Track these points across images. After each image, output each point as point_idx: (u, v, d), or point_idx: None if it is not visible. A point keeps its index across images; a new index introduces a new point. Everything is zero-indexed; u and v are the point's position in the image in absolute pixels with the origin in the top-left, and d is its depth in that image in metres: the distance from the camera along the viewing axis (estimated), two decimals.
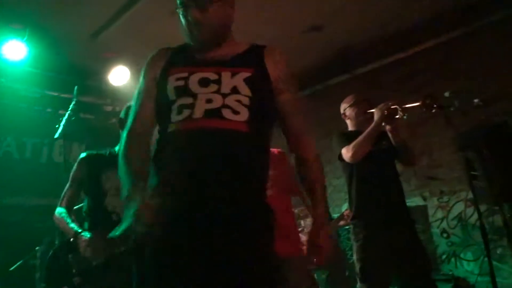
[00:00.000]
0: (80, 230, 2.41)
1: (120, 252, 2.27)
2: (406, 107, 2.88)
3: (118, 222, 2.34)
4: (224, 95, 1.52)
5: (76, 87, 3.87)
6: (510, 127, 3.20)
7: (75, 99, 3.82)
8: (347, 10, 4.72)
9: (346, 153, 2.93)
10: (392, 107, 2.92)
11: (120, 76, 5.15)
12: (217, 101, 1.51)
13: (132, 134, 1.62)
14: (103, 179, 2.56)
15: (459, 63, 5.06)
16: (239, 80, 1.56)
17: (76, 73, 5.29)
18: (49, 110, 5.28)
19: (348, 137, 3.02)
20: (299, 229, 3.64)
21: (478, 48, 4.91)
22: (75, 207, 2.68)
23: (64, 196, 2.62)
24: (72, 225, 2.45)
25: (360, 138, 2.89)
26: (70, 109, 3.75)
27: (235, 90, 1.54)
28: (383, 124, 2.96)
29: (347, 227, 5.18)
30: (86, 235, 2.36)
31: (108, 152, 2.75)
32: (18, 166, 5.17)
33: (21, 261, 4.14)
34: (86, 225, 2.57)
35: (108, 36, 4.83)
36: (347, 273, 4.66)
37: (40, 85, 5.15)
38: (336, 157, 3.12)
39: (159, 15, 4.54)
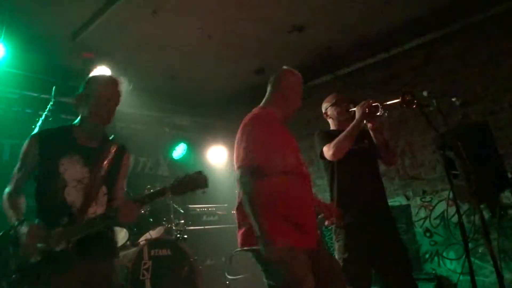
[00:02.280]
0: (22, 219, 2.10)
1: (60, 251, 2.05)
2: (387, 104, 2.88)
3: (76, 216, 2.14)
4: None
5: (54, 88, 3.79)
6: (490, 127, 3.21)
7: (53, 100, 3.74)
8: (329, 11, 4.72)
9: (328, 151, 2.92)
10: (373, 104, 2.92)
11: None
12: None
13: None
14: (62, 165, 2.22)
15: (441, 64, 5.10)
16: None
17: (56, 73, 5.20)
18: (28, 111, 5.16)
19: (329, 136, 3.02)
20: None
21: (460, 49, 4.96)
22: None
23: (12, 179, 2.30)
24: (15, 212, 2.14)
25: (341, 136, 2.88)
26: (47, 109, 3.68)
27: None
28: (364, 122, 2.96)
29: (330, 227, 5.20)
30: (27, 225, 2.05)
31: (63, 129, 2.41)
32: None
33: None
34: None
35: (88, 36, 4.75)
36: None
37: (19, 85, 5.02)
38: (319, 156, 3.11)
39: (140, 15, 4.49)
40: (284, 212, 2.29)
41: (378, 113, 2.90)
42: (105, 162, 2.34)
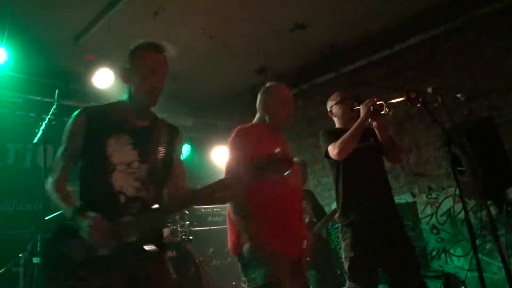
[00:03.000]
0: (78, 209, 1.86)
1: (131, 242, 1.86)
2: (392, 102, 2.85)
3: (127, 205, 1.91)
4: None
5: (57, 91, 3.79)
6: (495, 122, 3.19)
7: (56, 103, 3.74)
8: (331, 9, 4.70)
9: (333, 150, 2.90)
10: (377, 103, 2.90)
11: (104, 79, 5.07)
12: None
13: None
14: (109, 146, 1.97)
15: (445, 59, 5.07)
16: None
17: (59, 76, 5.21)
18: (32, 114, 5.18)
19: (334, 135, 2.99)
20: None
21: (464, 43, 4.92)
22: None
23: (57, 164, 2.01)
24: (68, 203, 1.91)
25: (346, 135, 2.86)
26: (50, 113, 3.67)
27: None
28: (369, 120, 2.93)
29: (337, 225, 5.19)
30: (90, 215, 1.81)
31: (111, 106, 2.14)
32: (0, 172, 5.07)
33: (3, 269, 4.06)
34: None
35: (90, 38, 4.76)
36: (338, 272, 4.63)
37: (22, 89, 5.04)
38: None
39: (141, 16, 4.49)
40: (267, 219, 2.46)
41: (382, 112, 2.87)
42: (156, 144, 2.09)
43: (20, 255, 4.03)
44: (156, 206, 2.00)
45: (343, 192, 2.99)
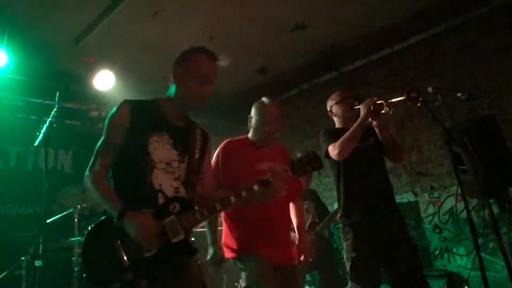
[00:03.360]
0: (126, 206, 1.81)
1: (176, 243, 1.84)
2: (392, 101, 2.84)
3: (165, 205, 1.89)
4: None
5: (58, 93, 3.79)
6: (496, 120, 3.17)
7: (56, 106, 3.74)
8: (331, 8, 4.69)
9: (333, 150, 2.89)
10: (377, 102, 2.88)
11: (104, 81, 5.07)
12: None
13: None
14: (151, 143, 1.94)
15: (445, 58, 5.05)
16: None
17: (59, 79, 5.22)
18: (33, 117, 5.20)
19: (334, 134, 2.98)
20: None
21: (464, 42, 4.91)
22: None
23: (97, 156, 1.94)
24: (112, 198, 1.85)
25: (346, 135, 2.84)
26: (51, 115, 3.68)
27: None
28: (369, 120, 2.92)
29: (339, 225, 5.17)
30: (138, 214, 1.79)
31: (152, 102, 2.10)
32: (2, 175, 5.11)
33: (6, 272, 4.05)
34: None
35: (91, 40, 4.76)
36: (340, 272, 4.62)
37: (23, 92, 5.07)
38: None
39: (141, 17, 4.49)
40: (253, 225, 2.71)
41: (382, 111, 2.86)
42: (193, 145, 2.09)
43: (22, 258, 4.03)
44: (197, 206, 2.02)
45: (344, 192, 2.97)
